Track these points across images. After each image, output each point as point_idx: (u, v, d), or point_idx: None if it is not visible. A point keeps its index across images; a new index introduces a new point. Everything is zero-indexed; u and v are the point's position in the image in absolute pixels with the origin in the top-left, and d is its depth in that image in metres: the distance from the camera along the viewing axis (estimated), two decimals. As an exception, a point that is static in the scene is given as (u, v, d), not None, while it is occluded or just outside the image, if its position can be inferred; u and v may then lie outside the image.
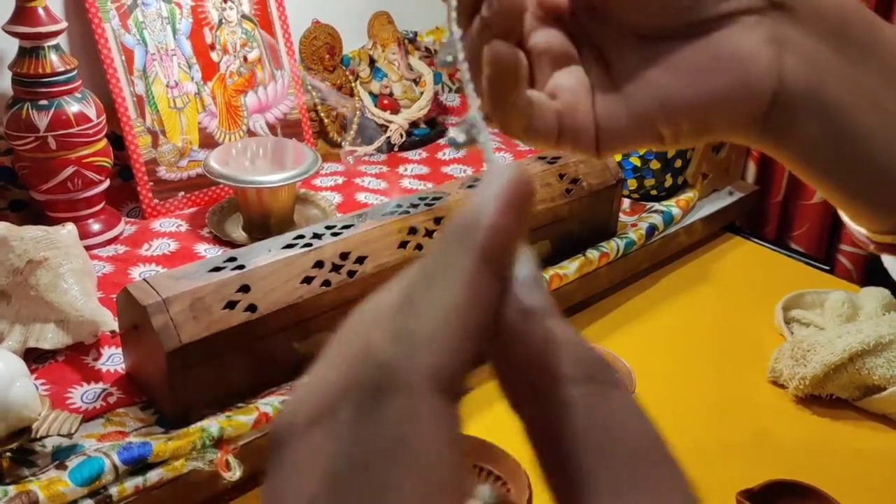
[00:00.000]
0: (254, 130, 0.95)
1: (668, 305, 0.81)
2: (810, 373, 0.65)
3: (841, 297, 0.73)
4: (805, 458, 0.62)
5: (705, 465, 0.61)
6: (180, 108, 0.89)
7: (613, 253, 0.80)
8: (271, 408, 0.57)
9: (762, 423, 0.66)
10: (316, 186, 0.96)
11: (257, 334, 0.59)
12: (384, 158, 1.04)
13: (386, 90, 1.06)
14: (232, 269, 0.60)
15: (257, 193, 0.83)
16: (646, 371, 0.66)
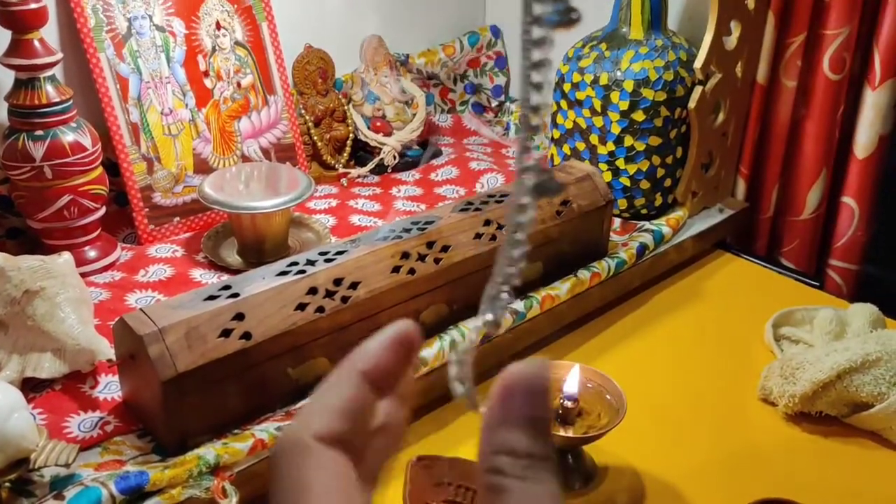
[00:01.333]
0: (248, 155, 0.96)
1: (660, 324, 0.82)
2: (799, 390, 0.66)
3: (829, 314, 0.74)
4: (795, 476, 0.63)
5: (697, 484, 0.62)
6: (175, 134, 0.90)
7: (605, 273, 0.80)
8: (267, 434, 0.58)
9: (753, 440, 0.67)
10: (310, 209, 0.97)
11: (252, 361, 0.60)
12: (377, 180, 1.05)
13: (378, 113, 1.08)
14: (227, 298, 0.60)
15: (251, 219, 0.84)
16: (637, 390, 0.67)
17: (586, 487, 0.62)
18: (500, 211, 0.75)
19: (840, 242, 0.96)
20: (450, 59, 1.18)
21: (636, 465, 0.64)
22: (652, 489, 0.62)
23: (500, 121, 1.21)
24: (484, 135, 1.19)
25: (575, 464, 0.62)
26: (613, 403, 0.62)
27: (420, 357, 0.67)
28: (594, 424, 0.61)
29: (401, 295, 0.68)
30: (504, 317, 0.26)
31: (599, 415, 0.62)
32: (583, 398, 0.62)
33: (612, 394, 0.62)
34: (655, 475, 0.63)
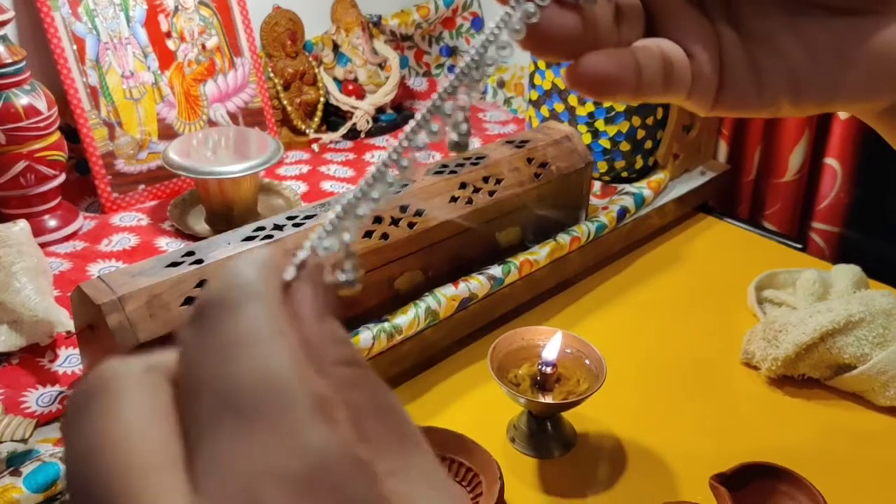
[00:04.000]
0: (215, 120, 0.93)
1: (641, 288, 0.80)
2: (782, 353, 0.64)
3: (812, 275, 0.72)
4: (778, 439, 0.62)
5: (680, 449, 0.60)
6: (137, 98, 0.87)
7: (584, 237, 0.78)
8: (234, 406, 0.56)
9: (735, 404, 0.66)
10: (280, 176, 0.94)
11: (218, 331, 0.57)
12: (350, 146, 1.02)
13: (350, 75, 1.04)
14: (190, 264, 0.58)
15: (219, 185, 0.80)
16: (618, 355, 0.65)
17: (566, 454, 0.60)
18: (476, 174, 0.73)
19: (823, 205, 0.95)
20: (424, 21, 1.14)
21: (617, 432, 0.62)
22: (633, 455, 0.60)
23: (477, 84, 1.18)
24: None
25: (554, 431, 0.61)
26: (593, 369, 0.60)
27: (394, 325, 0.64)
28: (573, 391, 0.59)
29: (374, 261, 0.66)
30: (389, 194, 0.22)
31: (579, 381, 0.60)
32: (562, 364, 0.60)
33: (592, 359, 0.61)
34: (636, 441, 0.61)
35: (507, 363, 0.61)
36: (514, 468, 0.58)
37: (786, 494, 0.54)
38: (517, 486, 0.57)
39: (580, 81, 0.24)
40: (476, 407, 0.65)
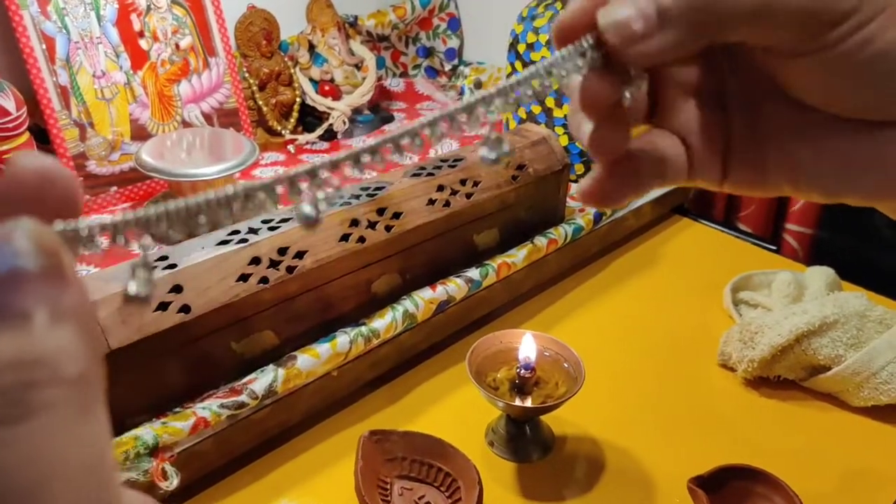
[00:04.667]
0: (189, 121, 0.91)
1: (618, 290, 0.80)
2: (758, 355, 0.65)
3: (787, 277, 0.73)
4: (755, 440, 0.62)
5: (656, 452, 0.61)
6: (109, 98, 0.85)
7: (562, 239, 0.78)
8: (209, 412, 0.55)
9: (712, 406, 0.66)
10: (256, 177, 0.92)
11: (192, 336, 0.56)
12: (327, 147, 1.02)
13: (327, 76, 1.03)
14: (163, 269, 0.57)
15: (193, 187, 0.79)
16: (596, 357, 0.65)
17: (544, 457, 0.60)
18: (454, 176, 0.72)
19: (796, 206, 0.95)
20: (401, 21, 1.14)
21: (595, 434, 0.62)
22: (611, 458, 0.60)
23: (454, 85, 1.18)
24: (437, 100, 1.16)
25: (532, 434, 0.61)
26: (571, 372, 0.60)
27: (371, 329, 0.64)
28: (552, 394, 0.59)
29: (350, 264, 0.65)
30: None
31: (557, 384, 0.60)
32: (540, 367, 0.60)
33: (570, 362, 0.60)
34: (615, 443, 0.61)
35: (486, 367, 0.61)
36: (493, 472, 0.58)
37: (763, 496, 0.55)
38: (496, 490, 0.57)
39: (589, 202, 0.28)
40: (454, 411, 0.64)
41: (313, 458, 0.59)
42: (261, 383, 0.57)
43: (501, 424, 0.61)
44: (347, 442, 0.59)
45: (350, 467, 0.55)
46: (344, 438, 0.61)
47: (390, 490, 0.56)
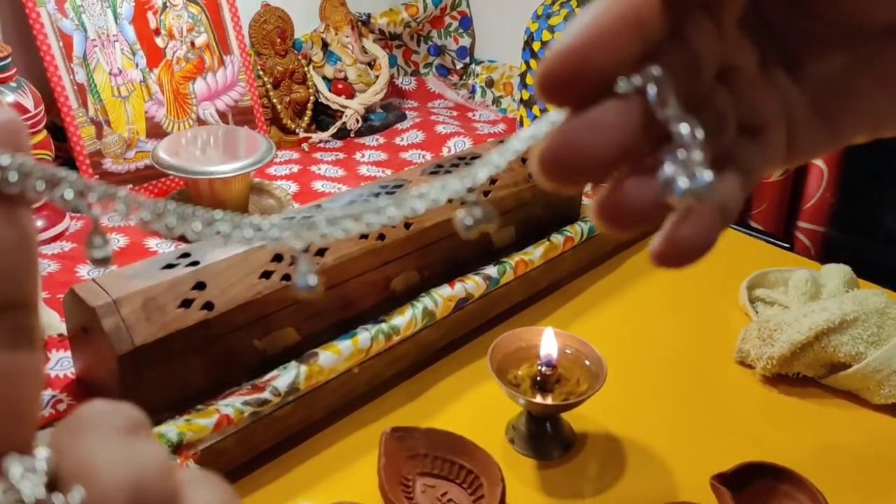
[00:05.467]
0: (204, 119, 0.92)
1: (633, 288, 0.80)
2: (777, 352, 0.65)
3: (804, 275, 0.73)
4: (775, 438, 0.62)
5: (677, 449, 0.61)
6: (125, 96, 0.85)
7: (578, 237, 0.79)
8: (232, 409, 0.55)
9: (731, 404, 0.66)
10: (270, 175, 0.93)
11: (215, 333, 0.56)
12: (340, 145, 1.02)
13: (340, 74, 1.03)
14: (186, 266, 0.57)
15: (209, 185, 0.80)
16: (613, 355, 0.65)
17: (565, 455, 0.60)
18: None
19: (809, 204, 0.96)
20: (413, 20, 1.14)
21: (615, 432, 0.62)
22: (632, 455, 0.60)
23: (466, 83, 1.18)
24: (449, 98, 1.16)
25: (553, 431, 0.61)
26: (593, 369, 0.60)
27: (391, 326, 0.64)
28: (573, 391, 0.59)
29: (370, 262, 0.65)
30: None
31: (578, 381, 0.60)
32: (561, 364, 0.60)
33: (592, 359, 0.61)
34: (635, 441, 0.62)
35: (507, 364, 0.61)
36: (513, 469, 0.58)
37: (786, 494, 0.55)
38: (517, 487, 0.57)
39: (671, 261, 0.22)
40: (474, 408, 0.64)
41: (335, 455, 0.60)
42: (284, 380, 0.58)
43: (522, 422, 0.61)
44: (369, 439, 0.59)
45: (372, 464, 0.55)
46: (365, 435, 0.61)
47: (413, 487, 0.56)
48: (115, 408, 0.17)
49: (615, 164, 0.20)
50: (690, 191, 0.20)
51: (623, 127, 0.20)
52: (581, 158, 0.20)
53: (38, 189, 0.18)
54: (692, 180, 0.20)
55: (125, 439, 0.16)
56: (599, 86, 0.20)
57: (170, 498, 0.16)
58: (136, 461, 0.16)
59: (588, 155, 0.20)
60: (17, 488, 0.15)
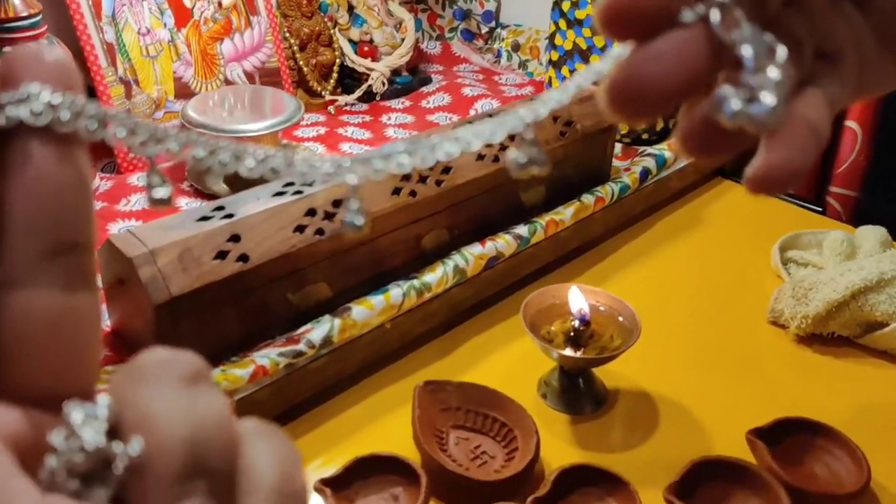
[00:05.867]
0: (231, 80, 0.91)
1: (664, 250, 0.80)
2: (812, 311, 0.64)
3: (839, 235, 0.72)
4: (810, 396, 0.62)
5: (711, 407, 0.60)
6: (153, 56, 0.85)
7: (609, 197, 0.78)
8: (268, 360, 0.55)
9: (765, 363, 0.66)
10: (298, 137, 0.92)
11: (250, 285, 0.57)
12: (366, 108, 1.01)
13: (366, 37, 1.03)
14: (221, 218, 0.57)
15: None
16: (644, 315, 0.65)
17: (597, 410, 0.60)
18: (503, 131, 0.72)
19: (841, 168, 0.94)
20: (439, -18, 1.12)
21: (648, 389, 0.62)
22: (665, 412, 0.60)
23: (491, 48, 1.17)
24: (474, 62, 1.15)
25: (586, 387, 0.61)
26: (626, 325, 0.60)
27: (423, 283, 0.64)
28: (607, 346, 0.59)
29: (401, 219, 0.65)
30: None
31: (612, 336, 0.60)
32: (594, 321, 0.60)
33: (625, 315, 0.60)
34: (668, 398, 0.61)
35: (539, 320, 0.60)
36: (546, 424, 0.58)
37: (823, 449, 0.54)
38: (550, 440, 0.57)
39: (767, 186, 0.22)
40: (505, 365, 0.64)
41: (368, 408, 0.60)
42: (318, 333, 0.58)
43: (554, 377, 0.61)
44: (401, 393, 0.59)
45: (404, 418, 0.56)
46: (398, 390, 0.61)
47: (446, 440, 0.56)
48: (176, 357, 0.17)
49: (683, 93, 0.20)
50: (742, 113, 0.19)
51: (688, 56, 0.20)
52: (647, 90, 0.20)
53: (90, 128, 0.18)
54: (748, 103, 0.19)
55: (186, 390, 0.16)
56: (663, 16, 0.19)
57: (229, 450, 0.16)
58: (196, 413, 0.16)
59: (653, 86, 0.20)
60: (79, 434, 0.15)
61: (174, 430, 0.15)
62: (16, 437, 0.16)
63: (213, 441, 0.16)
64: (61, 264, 0.17)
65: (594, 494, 0.52)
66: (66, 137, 0.17)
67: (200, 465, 0.15)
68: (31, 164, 0.17)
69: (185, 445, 0.15)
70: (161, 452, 0.15)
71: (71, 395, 0.17)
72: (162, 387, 0.16)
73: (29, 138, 0.17)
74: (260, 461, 0.17)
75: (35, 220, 0.17)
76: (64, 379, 0.17)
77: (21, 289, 0.17)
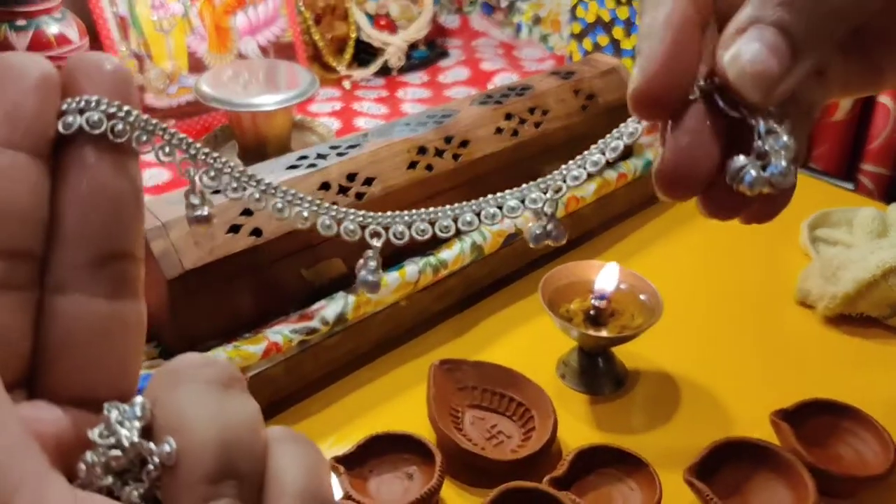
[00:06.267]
0: (245, 54, 0.90)
1: (688, 227, 0.78)
2: (841, 290, 0.62)
3: (871, 213, 0.70)
4: (837, 378, 0.60)
5: (734, 388, 0.59)
6: (167, 30, 0.84)
7: (631, 174, 0.76)
8: (281, 336, 0.54)
9: (791, 344, 0.64)
10: (312, 113, 0.91)
11: (263, 260, 0.56)
12: (382, 83, 0.99)
13: (383, 10, 1.01)
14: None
15: (253, 119, 0.78)
16: (667, 294, 0.63)
17: (617, 391, 0.59)
18: (522, 104, 0.70)
19: (874, 144, 0.91)
20: (457, -46, 1.10)
21: (669, 370, 0.61)
22: (687, 393, 0.59)
23: (511, 22, 1.14)
24: (494, 36, 1.13)
25: (605, 367, 0.59)
26: (648, 304, 0.58)
27: (439, 259, 0.63)
28: (628, 325, 0.58)
29: (418, 193, 0.63)
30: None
31: (633, 315, 0.58)
32: (615, 299, 0.59)
33: (647, 294, 0.59)
34: (689, 379, 0.60)
35: (558, 298, 0.59)
36: (565, 404, 0.57)
37: (849, 431, 0.53)
38: (568, 420, 0.56)
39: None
40: (522, 344, 0.63)
41: (383, 386, 0.59)
42: (332, 309, 0.57)
43: (573, 357, 0.60)
44: (417, 372, 0.58)
45: (419, 396, 0.55)
46: (413, 368, 0.60)
47: (462, 419, 0.55)
48: (210, 361, 0.18)
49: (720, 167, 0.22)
50: (760, 179, 0.21)
51: (715, 131, 0.22)
52: (696, 170, 0.22)
53: (141, 140, 0.19)
54: (763, 170, 0.21)
55: (218, 394, 0.17)
56: (682, 97, 0.22)
57: (259, 454, 0.17)
58: (229, 416, 0.17)
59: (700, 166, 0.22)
60: (116, 432, 0.16)
61: (207, 431, 0.16)
62: (57, 434, 0.17)
63: (243, 444, 0.16)
64: (109, 272, 0.18)
65: (613, 475, 0.50)
66: (120, 147, 0.18)
67: (231, 468, 0.16)
68: (87, 172, 0.18)
69: (217, 447, 0.16)
70: (193, 453, 0.16)
71: (111, 398, 0.17)
72: (196, 390, 0.17)
73: (86, 146, 0.18)
74: (288, 466, 0.17)
75: (87, 227, 0.17)
76: (105, 382, 0.18)
77: (69, 294, 0.17)
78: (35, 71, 0.17)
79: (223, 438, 0.16)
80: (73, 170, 0.18)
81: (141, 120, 0.19)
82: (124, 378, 0.18)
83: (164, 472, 0.16)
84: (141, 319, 0.19)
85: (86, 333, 0.18)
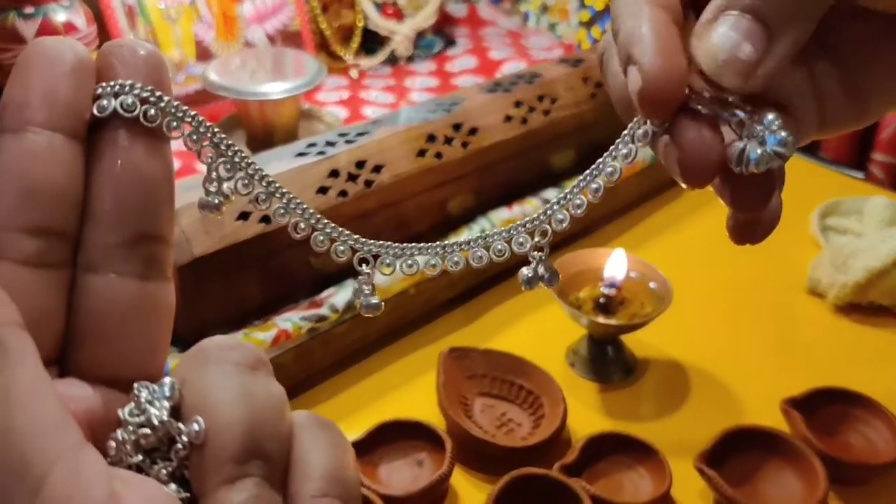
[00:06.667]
0: (252, 42, 0.90)
1: (698, 216, 0.77)
2: (852, 279, 0.62)
3: (881, 202, 0.69)
4: (847, 367, 0.60)
5: (744, 377, 0.59)
6: (174, 18, 0.84)
7: (641, 162, 0.75)
8: (290, 324, 0.54)
9: (801, 333, 0.64)
10: (320, 102, 0.91)
11: (273, 248, 0.55)
12: (390, 71, 0.99)
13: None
14: (242, 180, 0.56)
15: (260, 107, 0.78)
16: (677, 283, 0.63)
17: (626, 379, 0.59)
18: (531, 92, 0.70)
19: (884, 134, 0.91)
20: (465, -58, 1.09)
21: (679, 358, 0.60)
22: (697, 381, 0.59)
23: (518, 10, 1.14)
24: (501, 25, 1.12)
25: (615, 355, 0.59)
26: (658, 292, 0.58)
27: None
28: (638, 313, 0.57)
29: (427, 181, 0.63)
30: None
31: (643, 303, 0.58)
32: (625, 287, 0.58)
33: (657, 282, 0.58)
34: (700, 367, 0.60)
35: (568, 286, 0.59)
36: (574, 392, 0.57)
37: (859, 419, 0.53)
38: (578, 408, 0.56)
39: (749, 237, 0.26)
40: (531, 333, 0.63)
41: (392, 374, 0.59)
42: (341, 297, 0.57)
43: (583, 345, 0.60)
44: (426, 360, 0.58)
45: (429, 384, 0.55)
46: (422, 356, 0.60)
47: (472, 407, 0.55)
48: (238, 344, 0.18)
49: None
50: (765, 153, 0.21)
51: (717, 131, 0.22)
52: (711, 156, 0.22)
53: (171, 126, 0.19)
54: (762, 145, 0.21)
55: (246, 377, 0.17)
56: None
57: (285, 436, 0.17)
58: (255, 399, 0.17)
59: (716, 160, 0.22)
60: (146, 411, 0.17)
61: (234, 412, 0.16)
62: (89, 412, 0.17)
63: (269, 426, 0.17)
64: (141, 253, 0.18)
65: (623, 463, 0.50)
66: (153, 132, 0.19)
67: (257, 448, 0.16)
68: (121, 154, 0.18)
69: (244, 428, 0.16)
70: (221, 433, 0.16)
71: (140, 378, 0.18)
72: (224, 371, 0.17)
73: (120, 129, 0.18)
74: (313, 449, 0.18)
75: (120, 208, 0.18)
76: (135, 361, 0.18)
77: (101, 274, 0.18)
78: (70, 55, 0.18)
79: (250, 419, 0.16)
80: (107, 152, 0.18)
81: (172, 106, 0.19)
82: (153, 358, 0.19)
83: (192, 452, 0.16)
84: (170, 301, 0.19)
85: (117, 313, 0.18)
